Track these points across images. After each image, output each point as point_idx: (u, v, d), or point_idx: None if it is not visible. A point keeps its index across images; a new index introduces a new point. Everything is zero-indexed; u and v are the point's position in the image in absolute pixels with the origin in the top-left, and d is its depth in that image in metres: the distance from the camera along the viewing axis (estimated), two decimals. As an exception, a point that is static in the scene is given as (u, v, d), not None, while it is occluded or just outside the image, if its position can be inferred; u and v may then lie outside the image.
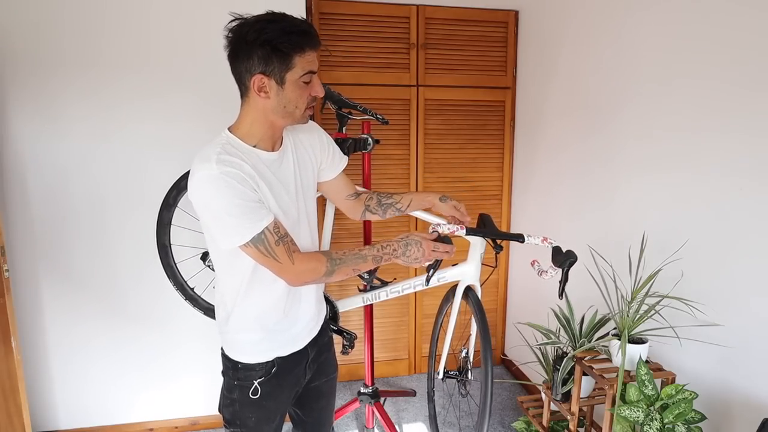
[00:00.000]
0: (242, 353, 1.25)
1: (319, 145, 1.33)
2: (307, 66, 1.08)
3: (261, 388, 1.24)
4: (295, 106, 1.11)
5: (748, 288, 1.37)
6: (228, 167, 1.04)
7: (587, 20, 2.05)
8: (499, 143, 2.76)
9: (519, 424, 1.99)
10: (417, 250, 1.23)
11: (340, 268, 1.16)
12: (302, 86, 1.09)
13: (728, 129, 1.40)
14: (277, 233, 1.10)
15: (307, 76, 1.09)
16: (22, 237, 2.10)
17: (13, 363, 1.84)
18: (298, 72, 1.07)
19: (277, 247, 1.09)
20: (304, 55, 1.07)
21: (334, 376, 1.48)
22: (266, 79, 1.07)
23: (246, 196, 1.06)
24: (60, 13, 1.98)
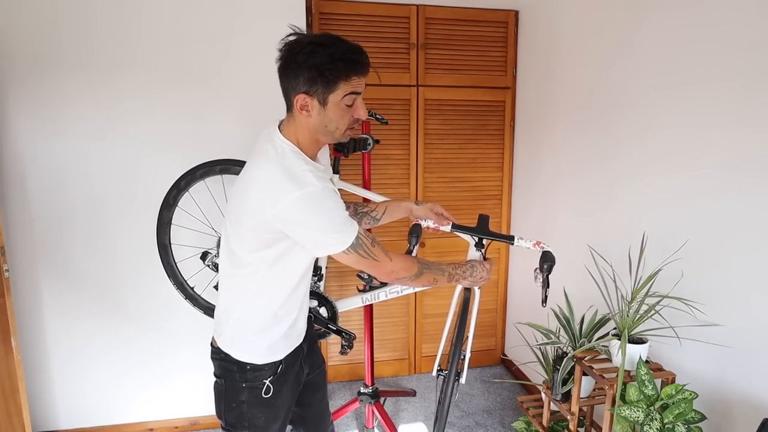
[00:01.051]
0: (257, 355, 1.25)
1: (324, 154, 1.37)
2: (351, 89, 1.10)
3: (273, 387, 1.26)
4: (336, 127, 1.14)
5: (747, 288, 1.37)
6: (325, 182, 1.11)
7: (587, 20, 2.05)
8: (499, 143, 2.76)
9: (519, 424, 1.99)
10: (482, 270, 1.42)
11: (427, 274, 1.29)
12: (344, 108, 1.12)
13: (728, 129, 1.40)
14: (369, 236, 1.17)
15: (349, 98, 1.10)
16: (22, 237, 2.10)
17: (13, 363, 1.84)
18: (340, 94, 1.09)
19: (374, 248, 1.17)
20: (350, 81, 1.09)
21: (323, 367, 1.52)
22: (309, 98, 1.09)
23: (341, 207, 1.13)
24: (57, 13, 1.98)
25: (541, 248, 1.53)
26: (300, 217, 1.08)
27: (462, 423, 2.45)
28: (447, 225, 1.55)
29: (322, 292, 1.98)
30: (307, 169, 1.10)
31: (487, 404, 2.62)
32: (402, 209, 1.55)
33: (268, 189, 1.08)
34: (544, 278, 1.48)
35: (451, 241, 2.75)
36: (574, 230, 2.20)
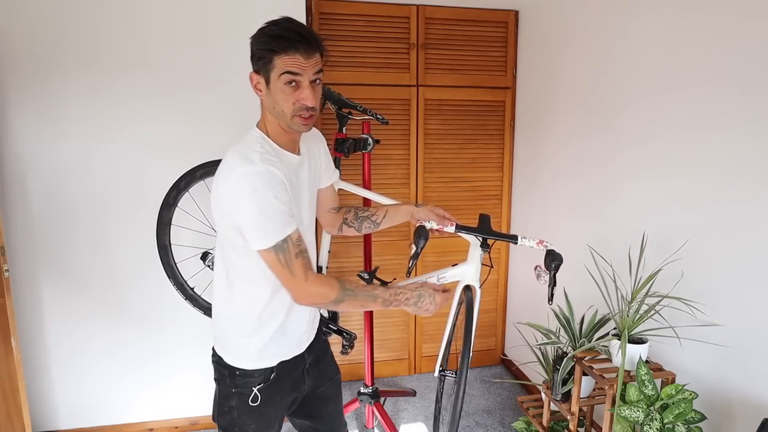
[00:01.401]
0: (245, 359, 1.24)
1: (324, 154, 1.37)
2: (286, 67, 1.07)
3: (261, 395, 1.23)
4: (281, 109, 1.11)
5: (747, 288, 1.37)
6: (270, 166, 1.07)
7: (587, 20, 2.05)
8: (499, 143, 2.76)
9: (519, 424, 1.99)
10: (430, 303, 1.26)
11: (350, 301, 1.17)
12: (285, 89, 1.09)
13: (729, 129, 1.40)
14: (299, 246, 1.11)
15: (286, 77, 1.07)
16: (22, 237, 2.10)
17: (13, 363, 1.84)
18: (277, 72, 1.08)
19: (295, 260, 1.10)
20: (282, 56, 1.07)
21: (337, 378, 1.47)
22: (257, 77, 1.12)
23: (281, 198, 1.07)
24: (60, 13, 1.98)
25: (545, 247, 1.53)
26: (235, 196, 1.07)
27: (462, 423, 2.45)
28: (451, 226, 1.54)
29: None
30: (259, 150, 1.09)
31: (487, 404, 2.62)
32: (402, 213, 1.51)
33: (222, 170, 1.10)
34: (551, 276, 1.48)
35: (451, 241, 2.75)
36: (574, 230, 2.20)
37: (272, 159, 1.10)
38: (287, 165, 1.15)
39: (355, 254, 2.67)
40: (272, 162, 1.08)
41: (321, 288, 1.13)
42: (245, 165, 1.06)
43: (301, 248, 1.11)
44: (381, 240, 2.67)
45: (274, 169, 1.07)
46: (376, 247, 2.61)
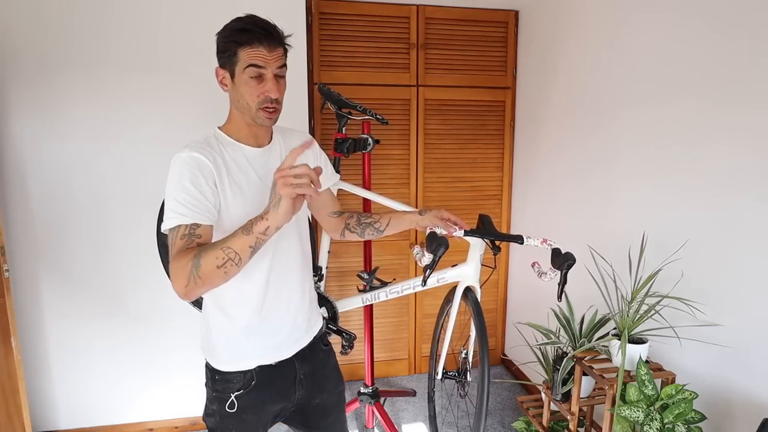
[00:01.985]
0: (220, 360, 1.22)
1: (312, 155, 1.33)
2: (250, 60, 1.08)
3: (238, 402, 1.21)
4: (246, 103, 1.12)
5: (747, 288, 1.37)
6: (196, 153, 1.08)
7: (587, 20, 2.05)
8: (499, 143, 2.76)
9: (519, 424, 1.99)
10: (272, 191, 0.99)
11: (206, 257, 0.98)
12: (249, 81, 1.10)
13: (728, 129, 1.40)
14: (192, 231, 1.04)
15: (252, 70, 1.08)
16: (22, 237, 2.10)
17: (13, 363, 1.84)
18: (242, 66, 1.09)
19: (179, 241, 1.03)
20: (246, 49, 1.08)
21: (339, 390, 1.42)
22: (222, 71, 1.13)
23: (198, 184, 1.06)
24: (64, 15, 1.98)
25: (549, 245, 1.53)
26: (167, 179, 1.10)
27: (462, 423, 2.45)
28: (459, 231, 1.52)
29: (323, 292, 1.98)
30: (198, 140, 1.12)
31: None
32: (407, 221, 1.46)
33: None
34: (563, 275, 1.47)
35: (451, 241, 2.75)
36: (574, 230, 2.20)
37: (207, 148, 1.10)
38: (237, 156, 1.15)
39: (355, 254, 2.67)
40: (204, 149, 1.09)
41: (180, 260, 1.00)
42: (177, 153, 1.10)
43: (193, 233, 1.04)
44: (381, 240, 2.67)
45: (199, 155, 1.07)
46: (376, 247, 2.61)
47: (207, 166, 1.08)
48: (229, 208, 1.12)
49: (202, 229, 1.06)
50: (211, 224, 1.08)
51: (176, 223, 1.05)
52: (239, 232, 1.00)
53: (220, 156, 1.12)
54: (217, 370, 1.23)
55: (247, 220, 1.01)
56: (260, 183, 1.17)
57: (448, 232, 1.47)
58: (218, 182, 1.09)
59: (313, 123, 2.47)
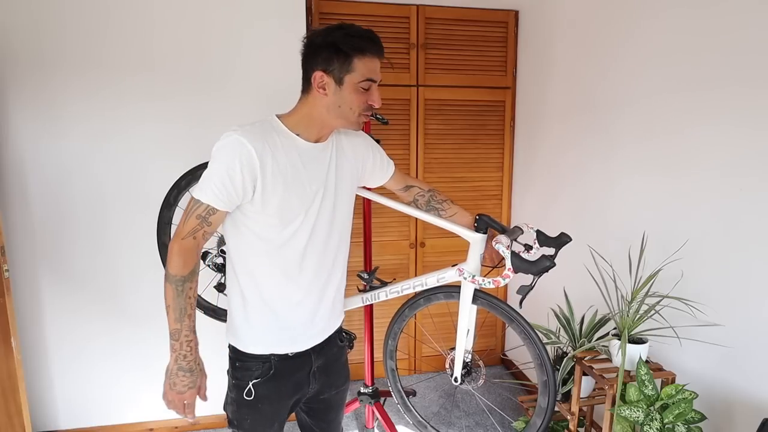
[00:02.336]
0: (244, 341, 1.25)
1: (363, 151, 1.37)
2: (368, 73, 1.13)
3: (255, 390, 1.24)
4: (349, 108, 1.15)
5: (748, 288, 1.37)
6: (247, 142, 1.08)
7: (587, 20, 2.05)
8: (499, 143, 2.76)
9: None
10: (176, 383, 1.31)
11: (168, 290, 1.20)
12: (360, 91, 1.14)
13: (729, 129, 1.40)
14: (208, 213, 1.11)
15: (366, 83, 1.14)
16: (22, 237, 2.10)
17: (13, 363, 1.84)
18: (357, 76, 1.12)
19: (192, 219, 1.12)
20: (363, 59, 1.12)
21: (345, 387, 1.46)
22: (326, 76, 1.12)
23: (233, 174, 1.08)
24: (61, 14, 1.98)
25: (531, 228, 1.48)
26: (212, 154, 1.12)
27: (462, 423, 2.45)
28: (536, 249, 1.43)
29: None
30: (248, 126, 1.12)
31: (487, 404, 2.62)
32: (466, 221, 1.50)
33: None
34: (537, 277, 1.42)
35: (451, 241, 2.75)
36: (575, 230, 2.19)
37: (259, 134, 1.11)
38: (288, 146, 1.15)
39: (355, 254, 2.67)
40: (254, 135, 1.10)
41: (175, 256, 1.15)
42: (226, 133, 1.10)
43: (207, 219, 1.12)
44: (381, 240, 2.67)
45: (247, 141, 1.08)
46: (376, 247, 2.61)
47: (251, 157, 1.08)
48: (267, 193, 1.13)
49: (217, 215, 1.12)
50: (226, 211, 1.13)
51: (205, 199, 1.10)
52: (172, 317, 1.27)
53: (270, 143, 1.12)
54: (240, 352, 1.26)
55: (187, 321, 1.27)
56: (304, 176, 1.19)
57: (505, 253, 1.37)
58: (260, 171, 1.10)
59: (313, 123, 2.47)
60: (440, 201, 1.51)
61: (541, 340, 1.53)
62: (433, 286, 1.73)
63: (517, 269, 1.38)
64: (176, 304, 1.19)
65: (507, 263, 1.39)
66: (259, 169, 1.10)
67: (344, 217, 1.32)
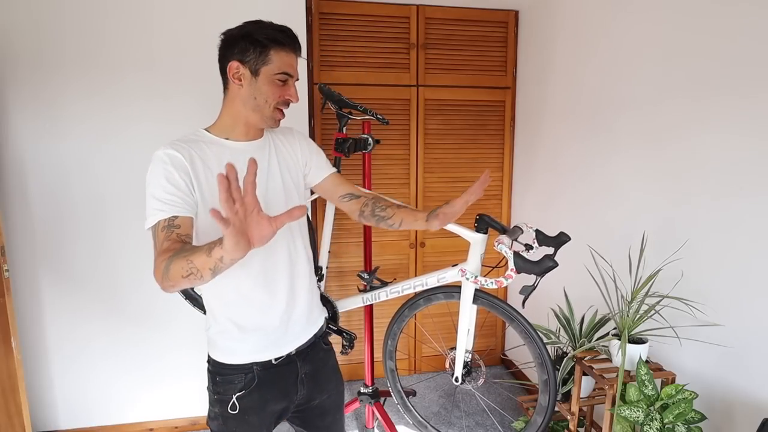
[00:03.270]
0: (222, 352, 1.22)
1: (300, 148, 1.32)
2: (284, 66, 1.12)
3: (239, 403, 1.21)
4: (264, 100, 1.14)
5: (748, 288, 1.37)
6: (172, 150, 1.08)
7: (587, 20, 2.05)
8: (499, 143, 2.76)
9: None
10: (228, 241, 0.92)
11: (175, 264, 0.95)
12: (276, 84, 1.13)
13: (728, 129, 1.40)
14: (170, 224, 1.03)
15: (283, 76, 1.13)
16: (22, 237, 2.10)
17: (13, 363, 1.84)
18: (273, 68, 1.12)
19: (160, 233, 1.02)
20: (281, 52, 1.12)
21: (338, 391, 1.42)
22: (242, 67, 1.13)
23: (173, 180, 1.06)
24: (61, 14, 1.98)
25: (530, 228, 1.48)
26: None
27: (462, 423, 2.45)
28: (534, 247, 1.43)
29: (323, 292, 1.98)
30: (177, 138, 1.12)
31: (487, 404, 2.62)
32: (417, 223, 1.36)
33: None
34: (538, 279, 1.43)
35: (451, 241, 2.75)
36: (575, 230, 2.19)
37: (184, 145, 1.10)
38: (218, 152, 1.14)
39: (355, 254, 2.67)
40: (179, 147, 1.09)
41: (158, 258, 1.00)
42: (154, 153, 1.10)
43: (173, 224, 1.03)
44: (381, 240, 2.67)
45: (173, 151, 1.07)
46: (376, 247, 2.61)
47: (180, 161, 1.08)
48: (206, 204, 1.10)
49: (180, 219, 1.05)
50: (189, 215, 1.07)
51: (155, 219, 1.05)
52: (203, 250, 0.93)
53: (198, 151, 1.12)
54: (220, 363, 1.22)
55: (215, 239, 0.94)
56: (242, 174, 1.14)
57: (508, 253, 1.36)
58: (194, 178, 1.09)
59: (313, 123, 2.47)
60: (383, 208, 1.36)
61: (542, 339, 1.54)
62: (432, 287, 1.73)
63: (520, 269, 1.38)
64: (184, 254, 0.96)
65: (510, 264, 1.39)
66: (191, 170, 1.08)
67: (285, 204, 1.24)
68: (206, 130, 1.20)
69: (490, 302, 1.65)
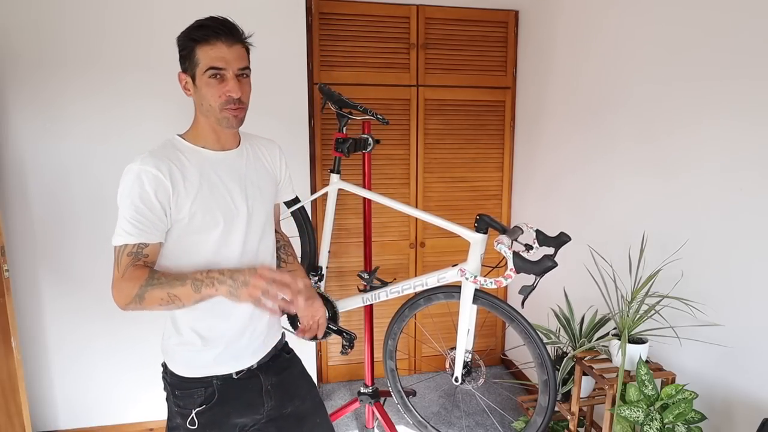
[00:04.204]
0: (179, 364, 1.19)
1: (280, 166, 1.34)
2: (211, 61, 1.07)
3: (198, 419, 1.18)
4: (209, 104, 1.10)
5: (748, 288, 1.37)
6: (150, 167, 1.05)
7: (587, 20, 2.05)
8: (499, 143, 2.76)
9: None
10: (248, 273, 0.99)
11: (153, 291, 1.00)
12: (211, 83, 1.08)
13: (729, 129, 1.40)
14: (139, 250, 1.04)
15: (212, 72, 1.07)
16: (22, 237, 2.10)
17: (13, 363, 1.84)
18: (202, 67, 1.08)
19: (125, 257, 1.03)
20: (205, 47, 1.07)
21: (311, 395, 1.38)
22: (185, 76, 1.12)
23: (148, 201, 1.04)
24: (61, 13, 1.98)
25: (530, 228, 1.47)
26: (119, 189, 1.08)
27: (462, 423, 2.45)
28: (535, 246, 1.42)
29: (323, 292, 1.98)
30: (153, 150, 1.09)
31: (487, 404, 2.62)
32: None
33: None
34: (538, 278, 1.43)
35: (451, 241, 2.75)
36: (575, 230, 2.19)
37: (162, 158, 1.07)
38: (197, 161, 1.12)
39: (355, 254, 2.67)
40: (158, 160, 1.06)
41: (128, 282, 1.01)
42: (129, 163, 1.08)
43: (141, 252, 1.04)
44: (381, 240, 2.67)
45: (152, 168, 1.04)
46: (376, 247, 2.61)
47: (159, 180, 1.05)
48: (187, 216, 1.08)
49: (149, 248, 1.06)
50: (159, 242, 1.08)
51: (123, 241, 1.04)
52: (187, 285, 0.99)
53: (177, 163, 1.09)
54: (178, 376, 1.19)
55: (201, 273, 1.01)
56: (223, 188, 1.14)
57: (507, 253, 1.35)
58: (173, 194, 1.06)
59: (313, 123, 2.47)
60: (287, 254, 1.42)
61: (542, 339, 1.53)
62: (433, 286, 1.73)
63: (519, 269, 1.38)
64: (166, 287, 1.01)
65: (509, 264, 1.39)
66: (170, 188, 1.06)
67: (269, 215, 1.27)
68: (182, 137, 1.16)
69: (490, 302, 1.65)
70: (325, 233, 2.04)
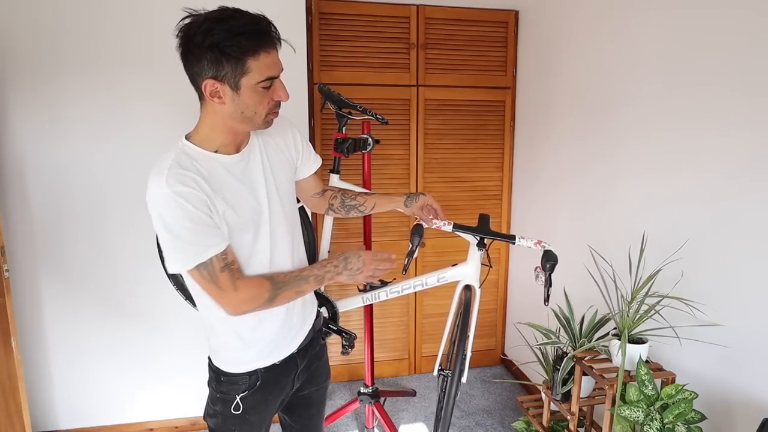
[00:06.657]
0: (225, 362, 1.21)
1: (294, 141, 1.26)
2: (266, 71, 1.00)
3: (243, 404, 1.21)
4: (254, 112, 1.03)
5: (748, 288, 1.37)
6: (180, 186, 0.98)
7: (587, 20, 2.05)
8: (499, 143, 2.76)
9: (519, 424, 1.99)
10: (357, 261, 1.20)
11: (283, 292, 1.12)
12: (261, 92, 1.01)
13: (729, 129, 1.40)
14: (224, 260, 1.04)
15: (267, 82, 1.01)
16: (22, 237, 2.10)
17: (13, 363, 1.84)
18: (255, 77, 0.99)
19: (221, 274, 1.03)
20: (258, 57, 0.98)
21: (326, 384, 1.43)
22: (219, 84, 0.99)
23: (198, 219, 1.00)
24: (61, 14, 1.98)
25: (542, 247, 1.54)
26: (152, 212, 1.01)
27: (462, 423, 2.45)
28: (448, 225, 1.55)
29: (323, 292, 1.98)
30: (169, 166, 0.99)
31: (487, 404, 2.62)
32: (392, 204, 1.49)
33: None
34: (546, 277, 1.49)
35: (451, 241, 2.75)
36: (575, 230, 2.20)
37: (184, 173, 1.00)
38: (214, 169, 1.06)
39: (355, 254, 2.67)
40: (182, 178, 0.99)
41: (252, 291, 1.08)
42: (153, 186, 0.99)
43: (227, 261, 1.05)
44: (381, 240, 2.67)
45: (182, 187, 0.98)
46: (377, 247, 2.61)
47: (196, 197, 1.00)
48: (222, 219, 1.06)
49: (229, 255, 1.06)
50: (228, 243, 1.06)
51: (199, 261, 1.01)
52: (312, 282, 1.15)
53: (199, 175, 1.02)
54: (223, 371, 1.22)
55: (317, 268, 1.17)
56: (243, 189, 1.10)
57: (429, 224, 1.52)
58: (211, 205, 1.03)
59: (313, 123, 2.47)
60: (352, 197, 1.44)
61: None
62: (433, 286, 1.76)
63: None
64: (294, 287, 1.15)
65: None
66: (207, 200, 1.02)
67: (291, 210, 1.24)
68: (191, 142, 1.07)
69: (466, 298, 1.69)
70: (325, 233, 2.05)
